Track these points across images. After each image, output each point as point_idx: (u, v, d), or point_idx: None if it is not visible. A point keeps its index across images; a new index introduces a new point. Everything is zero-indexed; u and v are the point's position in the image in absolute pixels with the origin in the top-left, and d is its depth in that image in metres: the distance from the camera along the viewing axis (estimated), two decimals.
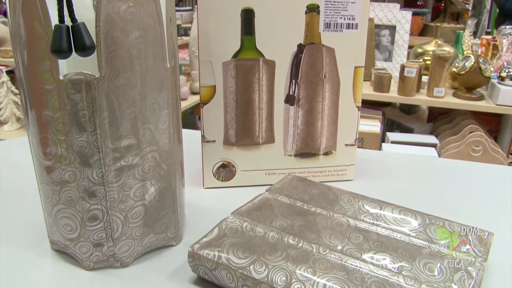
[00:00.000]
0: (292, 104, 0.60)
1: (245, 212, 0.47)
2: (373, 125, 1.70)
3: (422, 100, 1.75)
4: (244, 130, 0.60)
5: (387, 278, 0.37)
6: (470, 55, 1.69)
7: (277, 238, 0.42)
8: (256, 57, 0.57)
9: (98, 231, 0.42)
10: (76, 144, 0.39)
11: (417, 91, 1.77)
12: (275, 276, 0.37)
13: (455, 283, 0.37)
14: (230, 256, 0.40)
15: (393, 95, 1.77)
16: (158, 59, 0.40)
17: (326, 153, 0.63)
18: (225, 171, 0.62)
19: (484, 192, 0.63)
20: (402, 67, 1.71)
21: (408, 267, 0.39)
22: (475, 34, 2.98)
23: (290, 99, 0.60)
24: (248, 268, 0.38)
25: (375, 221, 0.46)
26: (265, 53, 0.57)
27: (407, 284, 0.37)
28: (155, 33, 0.39)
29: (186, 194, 0.53)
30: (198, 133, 0.61)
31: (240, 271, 0.38)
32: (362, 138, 1.64)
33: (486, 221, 0.49)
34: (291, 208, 0.48)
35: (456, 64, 1.71)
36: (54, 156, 0.40)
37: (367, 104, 1.89)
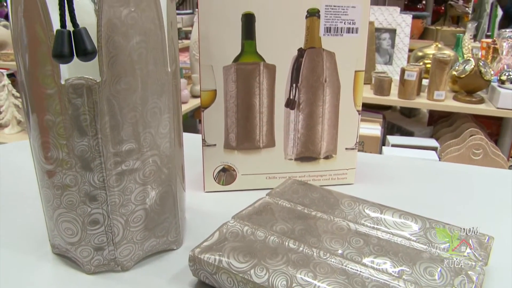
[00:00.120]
0: (292, 108, 0.60)
1: (246, 216, 0.47)
2: (374, 128, 1.70)
3: (423, 103, 1.76)
4: (245, 134, 0.60)
5: (388, 282, 0.37)
6: (470, 58, 1.69)
7: (278, 242, 0.42)
8: (257, 61, 0.57)
9: (99, 235, 0.42)
10: (77, 149, 0.39)
11: (418, 94, 1.77)
12: (276, 280, 0.37)
13: (456, 287, 0.37)
14: (231, 260, 0.40)
15: (393, 98, 1.77)
16: (159, 63, 0.40)
17: (326, 157, 0.63)
18: (226, 175, 0.62)
19: (484, 196, 0.63)
20: (403, 71, 1.71)
21: (408, 271, 0.39)
22: (475, 37, 2.98)
23: (290, 103, 0.60)
24: (248, 272, 0.38)
25: (375, 225, 0.46)
26: (266, 57, 0.57)
27: None
28: (156, 38, 0.39)
29: (186, 198, 0.53)
30: (199, 137, 0.61)
31: (240, 275, 0.38)
32: (362, 142, 1.64)
33: (487, 225, 0.49)
34: (292, 212, 0.48)
35: (457, 68, 1.71)
36: (55, 160, 0.40)
37: (368, 108, 1.89)
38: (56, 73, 0.37)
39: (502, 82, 1.65)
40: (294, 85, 0.59)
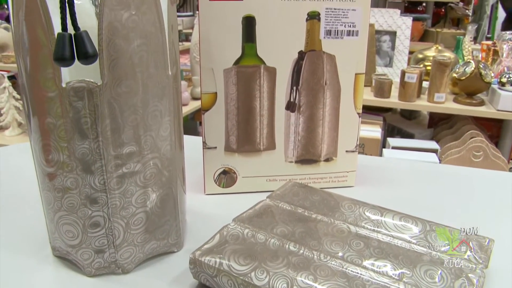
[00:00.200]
0: (293, 111, 0.60)
1: (246, 219, 0.47)
2: (374, 130, 1.70)
3: (423, 105, 1.76)
4: (245, 137, 0.60)
5: (388, 285, 0.37)
6: (471, 60, 1.69)
7: (278, 245, 0.42)
8: (257, 64, 0.57)
9: (99, 237, 0.42)
10: (78, 151, 0.39)
11: (418, 96, 1.77)
12: (276, 283, 0.37)
13: None
14: (232, 263, 0.40)
15: (393, 100, 1.77)
16: (159, 66, 0.40)
17: (327, 160, 0.63)
18: (226, 177, 0.62)
19: (484, 198, 0.63)
20: (403, 73, 1.71)
21: (409, 274, 0.39)
22: (475, 39, 2.99)
23: (291, 106, 0.60)
24: (249, 275, 0.38)
25: (376, 228, 0.46)
26: (266, 60, 0.57)
27: None
28: (157, 41, 0.40)
29: (187, 201, 0.53)
30: (199, 139, 0.61)
31: (241, 278, 0.38)
32: (363, 144, 1.64)
33: (487, 228, 0.49)
34: (292, 215, 0.48)
35: (457, 70, 1.71)
36: (56, 163, 0.40)
37: (368, 110, 1.89)
38: (57, 76, 0.37)
39: (502, 84, 1.65)
40: (294, 87, 0.59)
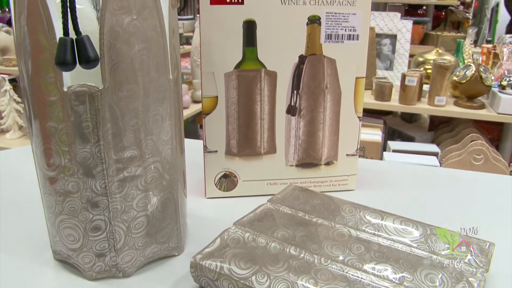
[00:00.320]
0: (293, 115, 0.60)
1: (247, 223, 0.47)
2: (374, 134, 1.70)
3: (423, 108, 1.76)
4: (246, 141, 0.60)
5: None
6: (471, 63, 1.70)
7: (279, 249, 0.42)
8: (258, 68, 0.57)
9: (100, 241, 0.42)
10: (80, 155, 0.39)
11: (418, 99, 1.77)
12: (277, 287, 0.37)
13: None
14: (232, 266, 0.40)
15: (394, 103, 1.77)
16: (161, 71, 0.41)
17: (327, 163, 0.63)
18: (227, 181, 0.62)
19: (485, 202, 0.63)
20: (403, 76, 1.71)
21: (409, 278, 0.39)
22: (475, 42, 2.99)
23: (291, 110, 0.60)
24: (250, 278, 0.38)
25: (376, 232, 0.46)
26: (267, 64, 0.57)
27: None
28: (158, 45, 0.40)
29: (188, 204, 0.53)
30: (200, 143, 0.62)
31: (242, 281, 0.38)
32: (363, 147, 1.64)
33: (488, 231, 0.49)
34: (293, 219, 0.48)
35: (457, 73, 1.71)
36: (57, 167, 0.40)
37: (368, 113, 1.89)
38: (58, 80, 0.37)
39: (502, 87, 1.65)
40: (295, 91, 0.59)
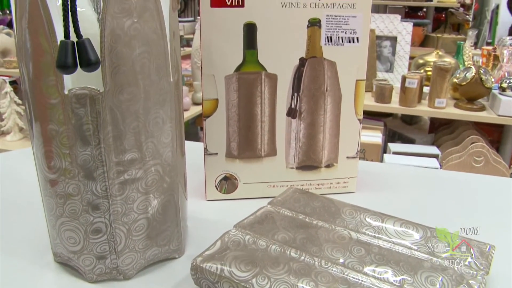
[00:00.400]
0: (294, 117, 0.60)
1: (248, 225, 0.47)
2: (375, 136, 1.70)
3: (424, 111, 1.76)
4: (246, 143, 0.60)
5: None
6: (471, 66, 1.70)
7: (279, 251, 0.42)
8: (258, 71, 0.57)
9: (101, 243, 0.42)
10: (80, 158, 0.39)
11: (419, 102, 1.77)
12: None
13: None
14: (233, 269, 0.40)
15: (394, 106, 1.77)
16: (161, 73, 0.41)
17: (327, 166, 0.64)
18: (228, 183, 0.62)
19: (485, 204, 0.63)
20: (404, 78, 1.72)
21: (410, 280, 0.39)
22: (476, 44, 2.99)
23: (292, 112, 0.60)
24: (250, 281, 0.38)
25: (376, 234, 0.46)
26: (267, 67, 0.57)
27: None
28: (158, 48, 0.40)
29: (188, 207, 0.53)
30: (201, 145, 0.62)
31: (242, 284, 0.38)
32: (363, 149, 1.64)
33: (488, 234, 0.49)
34: (293, 221, 0.48)
35: (457, 75, 1.72)
36: (58, 170, 0.40)
37: (369, 115, 1.90)
38: (59, 83, 0.37)
39: (503, 89, 1.66)
40: (295, 94, 0.59)
